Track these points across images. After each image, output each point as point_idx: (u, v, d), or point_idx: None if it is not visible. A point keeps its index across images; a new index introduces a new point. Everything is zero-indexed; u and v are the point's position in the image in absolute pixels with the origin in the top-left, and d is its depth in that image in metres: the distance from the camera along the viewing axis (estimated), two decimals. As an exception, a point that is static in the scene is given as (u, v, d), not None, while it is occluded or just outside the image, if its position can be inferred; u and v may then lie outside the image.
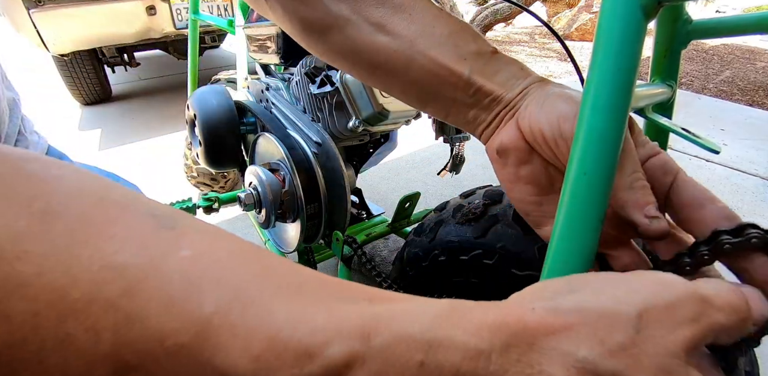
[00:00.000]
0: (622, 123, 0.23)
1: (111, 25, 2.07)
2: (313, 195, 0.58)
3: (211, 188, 1.32)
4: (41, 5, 1.89)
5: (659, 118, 0.39)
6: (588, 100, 0.24)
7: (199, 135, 0.69)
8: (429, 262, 0.43)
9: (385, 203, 1.46)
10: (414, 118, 0.65)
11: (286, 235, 0.67)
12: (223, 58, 3.74)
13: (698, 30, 0.37)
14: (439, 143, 0.76)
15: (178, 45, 2.52)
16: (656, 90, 0.40)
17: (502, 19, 4.80)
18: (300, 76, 0.65)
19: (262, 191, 0.57)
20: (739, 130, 2.21)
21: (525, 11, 0.53)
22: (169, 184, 1.62)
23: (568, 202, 0.25)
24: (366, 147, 0.74)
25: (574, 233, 0.25)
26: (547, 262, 0.26)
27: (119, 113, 2.50)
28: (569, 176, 0.25)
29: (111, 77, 2.73)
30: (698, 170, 1.70)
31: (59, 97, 2.73)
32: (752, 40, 4.90)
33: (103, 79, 2.58)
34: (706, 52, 4.32)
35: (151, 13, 2.12)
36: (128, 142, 2.06)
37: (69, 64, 2.35)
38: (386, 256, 1.17)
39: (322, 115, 0.62)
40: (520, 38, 5.08)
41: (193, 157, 1.24)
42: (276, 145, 0.59)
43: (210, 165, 0.73)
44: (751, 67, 3.75)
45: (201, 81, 1.19)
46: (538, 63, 3.77)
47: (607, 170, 0.23)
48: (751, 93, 2.96)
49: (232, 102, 0.71)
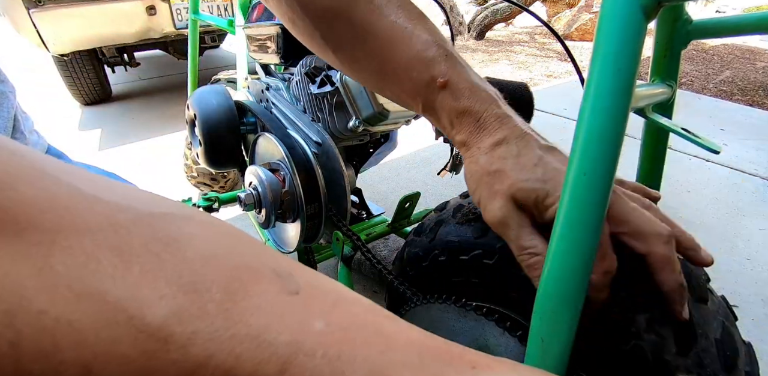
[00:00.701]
0: (622, 123, 0.23)
1: (111, 25, 2.07)
2: (313, 195, 0.58)
3: (211, 188, 1.32)
4: (41, 5, 1.89)
5: (659, 118, 0.39)
6: (588, 100, 0.24)
7: (199, 135, 0.69)
8: (429, 262, 0.43)
9: (385, 203, 1.46)
10: (414, 118, 0.65)
11: (286, 235, 0.67)
12: (223, 58, 3.74)
13: (698, 30, 0.37)
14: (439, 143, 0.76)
15: (178, 45, 2.52)
16: (656, 90, 0.40)
17: (502, 19, 4.80)
18: (300, 76, 0.65)
19: (262, 191, 0.57)
20: (739, 130, 2.21)
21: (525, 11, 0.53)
22: (169, 184, 1.62)
23: (568, 202, 0.25)
24: (366, 147, 0.74)
25: (574, 233, 0.25)
26: (547, 262, 0.26)
27: (119, 113, 2.50)
28: (569, 177, 0.24)
29: (111, 77, 2.73)
30: (698, 170, 1.70)
31: (59, 97, 2.73)
32: (752, 40, 4.90)
33: (103, 79, 2.58)
34: (706, 52, 4.32)
35: (151, 13, 2.12)
36: (128, 142, 2.06)
37: (69, 64, 2.34)
38: (386, 256, 1.17)
39: (322, 115, 0.62)
40: (520, 38, 5.08)
41: (193, 157, 1.24)
42: (276, 145, 0.59)
43: (210, 165, 0.73)
44: (751, 67, 3.75)
45: (201, 81, 1.19)
46: (539, 63, 3.77)
47: (607, 171, 0.23)
48: (751, 93, 2.96)
49: (232, 102, 0.71)
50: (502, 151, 0.30)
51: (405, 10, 0.34)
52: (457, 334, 0.40)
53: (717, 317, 0.31)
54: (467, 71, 0.33)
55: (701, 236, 1.26)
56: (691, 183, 1.57)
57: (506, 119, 0.31)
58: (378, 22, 0.33)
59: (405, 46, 0.33)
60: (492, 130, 0.31)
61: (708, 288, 0.33)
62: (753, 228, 1.33)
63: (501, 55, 4.07)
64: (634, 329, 0.29)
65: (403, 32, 0.33)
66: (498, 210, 0.29)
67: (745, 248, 1.22)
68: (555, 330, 0.26)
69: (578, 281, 0.25)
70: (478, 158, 0.31)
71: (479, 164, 0.31)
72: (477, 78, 0.33)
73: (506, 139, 0.30)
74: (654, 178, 0.47)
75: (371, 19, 0.33)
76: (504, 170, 0.29)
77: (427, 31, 0.33)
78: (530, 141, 0.30)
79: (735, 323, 0.33)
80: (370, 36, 0.34)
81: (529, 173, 0.29)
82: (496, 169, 0.30)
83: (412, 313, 0.46)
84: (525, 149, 0.30)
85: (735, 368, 0.29)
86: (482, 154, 0.31)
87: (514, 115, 0.32)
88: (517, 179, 0.29)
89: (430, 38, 0.33)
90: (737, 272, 1.12)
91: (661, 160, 0.45)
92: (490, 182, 0.30)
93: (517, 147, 0.30)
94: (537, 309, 0.27)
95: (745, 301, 1.03)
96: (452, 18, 4.63)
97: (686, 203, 1.43)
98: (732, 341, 0.30)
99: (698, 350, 0.29)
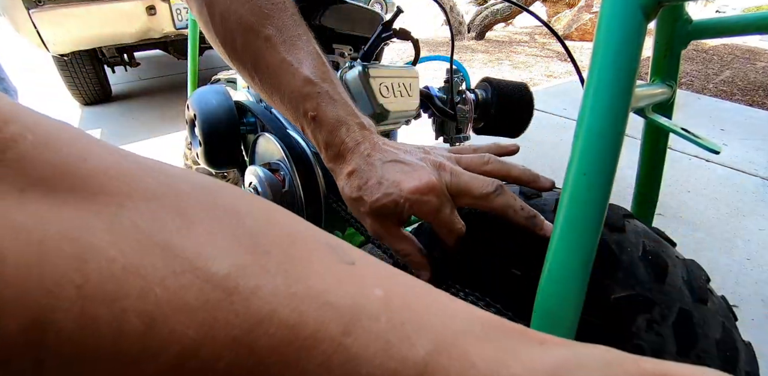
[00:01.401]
0: (622, 123, 0.23)
1: (111, 25, 2.07)
2: (313, 195, 0.58)
3: (211, 188, 1.32)
4: (41, 5, 1.89)
5: (659, 118, 0.39)
6: (588, 100, 0.24)
7: (199, 135, 0.69)
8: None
9: (385, 203, 1.46)
10: (414, 118, 0.65)
11: (286, 235, 0.67)
12: (223, 58, 3.74)
13: (698, 30, 0.37)
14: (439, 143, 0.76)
15: (178, 45, 2.52)
16: (656, 90, 0.40)
17: (502, 19, 4.81)
18: (300, 76, 0.65)
19: (262, 191, 0.57)
20: (739, 130, 2.21)
21: (525, 11, 0.53)
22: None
23: (568, 202, 0.25)
24: (366, 147, 0.74)
25: (574, 233, 0.25)
26: (547, 262, 0.26)
27: (119, 113, 2.50)
28: (569, 177, 0.25)
29: (111, 77, 2.73)
30: (698, 170, 1.70)
31: (59, 97, 2.73)
32: (752, 40, 4.90)
33: (103, 79, 2.58)
34: (706, 52, 4.32)
35: (151, 13, 2.12)
36: (128, 142, 2.06)
37: (69, 64, 2.34)
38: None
39: (322, 115, 0.62)
40: (520, 38, 5.08)
41: (193, 157, 1.24)
42: (276, 145, 0.59)
43: (210, 165, 0.73)
44: (751, 67, 3.75)
45: (201, 81, 1.19)
46: (539, 63, 3.77)
47: (606, 171, 0.23)
48: (751, 93, 2.96)
49: (232, 102, 0.71)
50: (355, 181, 0.36)
51: (297, 49, 0.39)
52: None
53: (717, 317, 0.31)
54: (335, 107, 0.38)
55: (701, 236, 1.26)
56: (691, 183, 1.57)
57: (357, 148, 0.37)
58: (270, 57, 0.39)
59: (288, 81, 0.39)
60: (346, 161, 0.37)
61: (708, 288, 0.33)
62: (753, 228, 1.33)
63: (501, 55, 4.07)
64: (634, 329, 0.29)
65: (289, 68, 0.39)
66: (370, 227, 0.37)
67: (745, 248, 1.22)
68: (555, 330, 0.26)
69: (578, 281, 0.25)
70: (342, 187, 0.38)
71: (344, 192, 0.37)
72: (343, 112, 0.38)
73: (357, 169, 0.36)
74: (654, 178, 0.47)
75: (265, 54, 0.39)
76: (361, 197, 0.36)
77: (311, 68, 0.39)
78: (374, 163, 0.36)
79: (735, 323, 0.33)
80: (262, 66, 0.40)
81: (377, 193, 0.35)
82: (356, 197, 0.36)
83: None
84: (370, 173, 0.36)
85: (735, 369, 0.29)
86: (344, 184, 0.37)
87: (365, 140, 0.38)
88: (372, 200, 0.35)
89: (310, 77, 0.38)
90: (737, 272, 1.12)
91: (661, 160, 0.45)
92: (356, 206, 0.37)
93: (365, 173, 0.36)
94: (537, 309, 0.27)
95: (745, 301, 1.03)
96: (452, 18, 4.63)
97: (686, 203, 1.43)
98: (732, 341, 0.30)
99: (698, 350, 0.29)
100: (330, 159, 0.39)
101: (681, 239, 1.23)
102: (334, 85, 0.40)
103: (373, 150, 0.37)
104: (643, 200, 0.48)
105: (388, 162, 0.36)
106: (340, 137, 0.37)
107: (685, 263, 0.34)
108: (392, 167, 0.36)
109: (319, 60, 0.40)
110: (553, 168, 1.69)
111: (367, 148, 0.37)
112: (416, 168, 0.35)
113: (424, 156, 0.37)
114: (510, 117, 0.65)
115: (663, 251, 0.34)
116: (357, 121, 0.39)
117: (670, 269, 0.32)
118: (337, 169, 0.39)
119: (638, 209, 0.49)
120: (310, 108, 0.38)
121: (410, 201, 0.34)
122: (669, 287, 0.31)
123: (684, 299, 0.31)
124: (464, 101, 0.65)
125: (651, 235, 0.35)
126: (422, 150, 0.38)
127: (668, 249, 0.35)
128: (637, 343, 0.29)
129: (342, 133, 0.38)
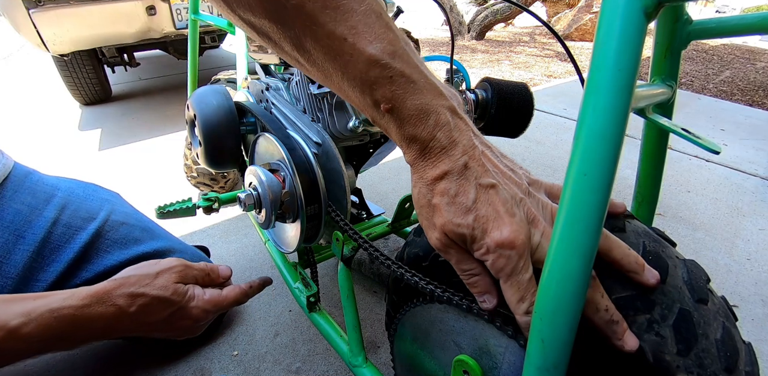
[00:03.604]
0: (623, 123, 0.23)
1: (111, 25, 2.07)
2: (313, 195, 0.58)
3: (211, 188, 1.32)
4: (41, 5, 1.89)
5: (659, 119, 0.39)
6: (588, 100, 0.24)
7: (199, 135, 0.69)
8: (429, 262, 0.43)
9: (385, 203, 1.46)
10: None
11: (286, 235, 0.67)
12: (223, 58, 3.74)
13: (698, 30, 0.37)
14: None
15: (178, 45, 2.52)
16: (656, 90, 0.40)
17: (502, 19, 4.80)
18: (300, 76, 0.65)
19: (262, 191, 0.57)
20: (739, 130, 2.21)
21: (525, 11, 0.53)
22: (169, 184, 1.62)
23: (568, 202, 0.25)
24: (366, 147, 0.74)
25: (574, 233, 0.25)
26: (547, 262, 0.26)
27: (119, 113, 2.50)
28: (569, 177, 0.25)
29: (111, 77, 2.73)
30: (698, 170, 1.70)
31: (59, 97, 2.73)
32: (752, 40, 4.90)
33: (103, 79, 2.58)
34: (706, 52, 4.32)
35: (151, 13, 2.12)
36: (128, 142, 2.06)
37: (69, 64, 2.34)
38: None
39: (322, 115, 0.62)
40: (520, 38, 5.08)
41: (193, 157, 1.24)
42: (276, 146, 0.59)
43: (210, 165, 0.73)
44: (751, 67, 3.75)
45: (201, 81, 1.19)
46: (539, 63, 3.77)
47: (607, 171, 0.23)
48: (751, 93, 2.96)
49: (232, 102, 0.71)
50: (441, 188, 0.31)
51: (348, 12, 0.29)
52: (458, 333, 0.40)
53: (717, 317, 0.31)
54: (416, 92, 0.30)
55: (701, 236, 1.26)
56: (691, 183, 1.57)
57: (452, 149, 0.31)
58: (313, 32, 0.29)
59: (345, 64, 0.30)
60: (436, 162, 0.31)
61: (708, 288, 0.33)
62: (753, 228, 1.33)
63: (501, 55, 4.07)
64: (635, 329, 0.29)
65: (343, 46, 0.29)
66: (437, 240, 0.32)
67: (745, 248, 1.22)
68: (555, 331, 0.26)
69: (578, 281, 0.25)
70: (421, 188, 0.32)
71: (421, 193, 0.32)
72: (429, 95, 0.30)
73: (448, 174, 0.30)
74: (654, 178, 0.47)
75: (302, 27, 0.30)
76: (440, 207, 0.31)
77: (374, 39, 0.29)
78: (469, 178, 0.30)
79: (735, 323, 0.33)
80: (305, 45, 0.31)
81: (460, 218, 0.30)
82: (435, 204, 0.31)
83: (412, 313, 0.46)
84: (462, 188, 0.30)
85: (735, 369, 0.29)
86: (424, 185, 0.32)
87: (463, 138, 0.31)
88: (449, 221, 0.30)
89: (375, 55, 0.29)
90: (737, 272, 1.12)
91: (661, 161, 0.45)
92: (429, 214, 0.32)
93: (456, 185, 0.30)
94: (537, 310, 0.27)
95: (745, 301, 1.03)
96: (452, 18, 4.63)
97: (686, 203, 1.43)
98: (732, 341, 0.31)
99: (698, 351, 0.29)
100: (410, 152, 0.32)
101: (681, 239, 1.23)
102: (410, 59, 0.30)
103: (471, 160, 0.31)
104: (643, 200, 0.48)
105: (485, 188, 0.30)
106: (428, 131, 0.30)
107: (685, 263, 0.34)
108: (486, 198, 0.30)
109: (380, 23, 0.30)
110: (553, 168, 1.69)
111: (465, 154, 0.31)
112: (510, 213, 0.29)
113: (522, 198, 0.31)
114: (510, 117, 0.65)
115: (663, 251, 0.34)
116: (446, 104, 0.31)
117: (670, 270, 0.32)
118: (419, 166, 0.32)
119: (638, 209, 0.49)
120: (382, 98, 0.30)
121: (488, 248, 0.29)
122: (669, 287, 0.31)
123: (684, 299, 0.31)
124: (464, 101, 0.65)
125: (651, 235, 0.35)
126: (521, 184, 0.32)
127: (668, 249, 0.35)
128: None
129: (430, 124, 0.30)
